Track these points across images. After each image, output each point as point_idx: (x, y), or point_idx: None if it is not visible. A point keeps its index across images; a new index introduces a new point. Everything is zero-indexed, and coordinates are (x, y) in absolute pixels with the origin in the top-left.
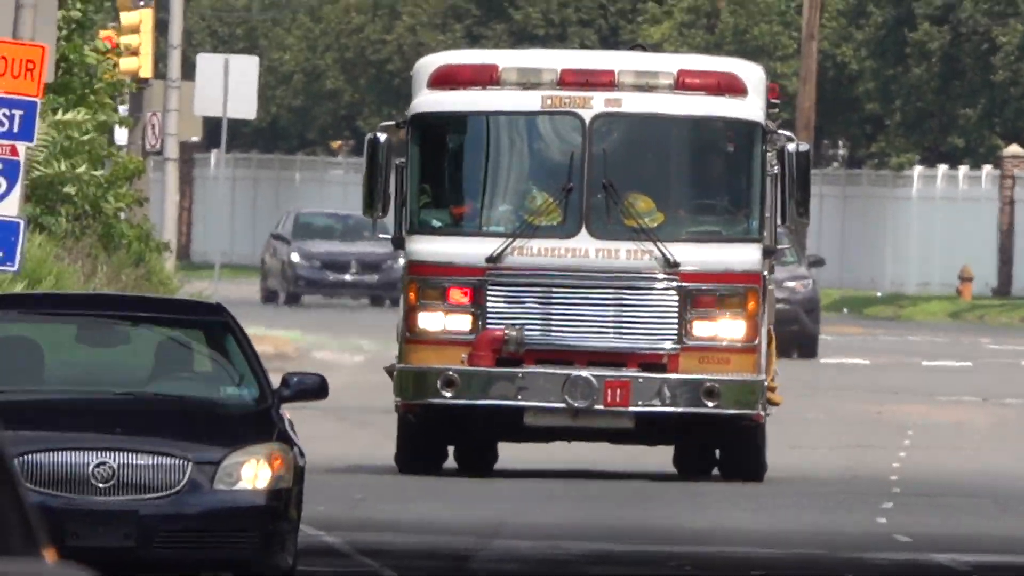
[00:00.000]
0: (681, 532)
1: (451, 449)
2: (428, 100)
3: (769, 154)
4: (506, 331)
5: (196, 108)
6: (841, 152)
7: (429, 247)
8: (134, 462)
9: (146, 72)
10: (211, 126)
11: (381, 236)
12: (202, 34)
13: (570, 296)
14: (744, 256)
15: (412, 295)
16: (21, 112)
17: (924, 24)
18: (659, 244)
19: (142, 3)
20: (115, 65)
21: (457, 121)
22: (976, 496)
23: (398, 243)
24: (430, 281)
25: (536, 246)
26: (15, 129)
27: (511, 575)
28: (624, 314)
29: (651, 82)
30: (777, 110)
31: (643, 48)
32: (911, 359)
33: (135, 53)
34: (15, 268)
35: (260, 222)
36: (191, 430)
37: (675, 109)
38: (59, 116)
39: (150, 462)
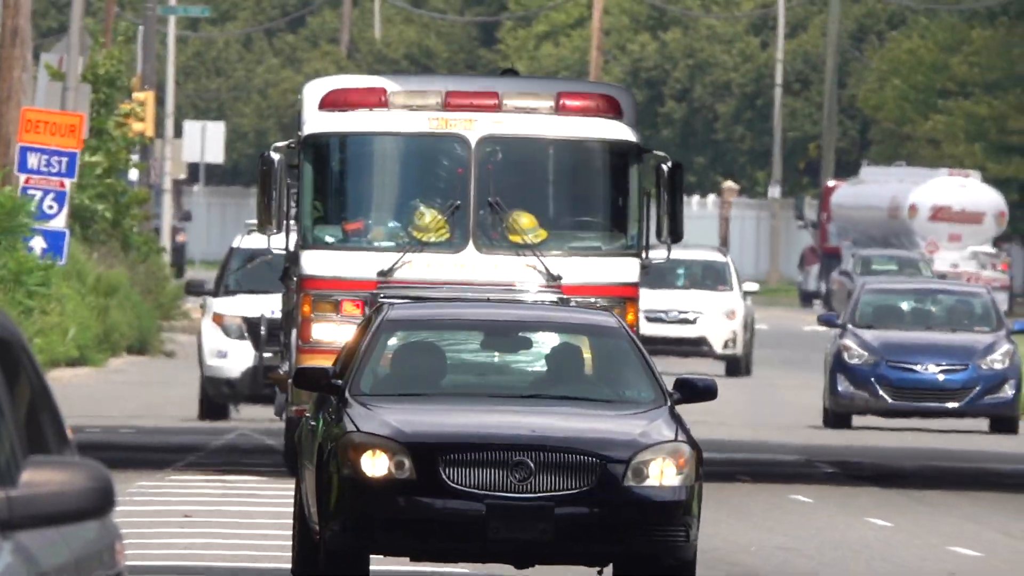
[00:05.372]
0: None
1: None
2: (319, 121)
3: (642, 171)
4: None
5: (184, 156)
6: None
7: (322, 262)
8: (549, 461)
9: (149, 132)
10: (193, 168)
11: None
12: (187, 106)
13: None
14: (622, 269)
15: (306, 307)
16: (66, 159)
17: (670, 102)
18: (541, 259)
19: (147, 86)
20: (127, 129)
21: (348, 141)
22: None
23: (292, 258)
24: (324, 294)
25: (425, 260)
26: (62, 170)
27: None
28: None
29: (532, 104)
30: None
31: (515, 73)
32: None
33: (142, 119)
34: (62, 261)
35: (227, 231)
36: (600, 430)
37: (556, 131)
38: (88, 158)
39: (564, 461)
